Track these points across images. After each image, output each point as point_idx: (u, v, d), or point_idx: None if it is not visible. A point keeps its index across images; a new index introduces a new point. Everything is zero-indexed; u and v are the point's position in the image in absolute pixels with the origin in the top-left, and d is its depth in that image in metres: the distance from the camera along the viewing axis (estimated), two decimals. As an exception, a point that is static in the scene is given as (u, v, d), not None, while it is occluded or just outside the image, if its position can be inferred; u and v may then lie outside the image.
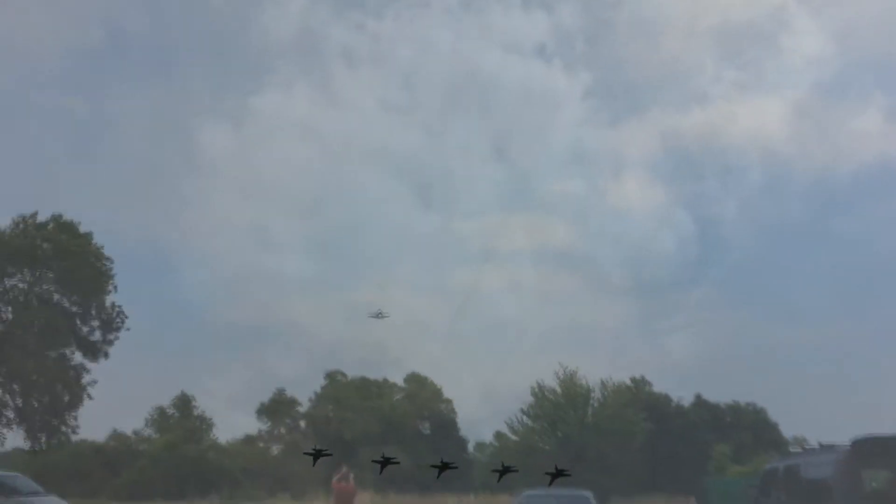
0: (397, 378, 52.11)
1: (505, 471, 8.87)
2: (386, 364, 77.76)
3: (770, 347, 60.71)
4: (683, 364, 57.62)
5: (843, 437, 13.47)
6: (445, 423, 49.50)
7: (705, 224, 77.75)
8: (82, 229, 36.92)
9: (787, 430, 44.09)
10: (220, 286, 78.44)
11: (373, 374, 52.49)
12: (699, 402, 45.33)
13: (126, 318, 37.07)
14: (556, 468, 12.00)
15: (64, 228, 36.30)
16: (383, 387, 50.83)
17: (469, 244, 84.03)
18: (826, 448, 13.71)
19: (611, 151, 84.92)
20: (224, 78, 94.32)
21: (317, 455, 8.85)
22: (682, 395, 45.23)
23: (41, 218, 36.50)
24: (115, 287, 37.00)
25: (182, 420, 51.20)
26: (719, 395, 46.40)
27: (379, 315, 49.51)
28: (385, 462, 14.85)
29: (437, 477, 25.13)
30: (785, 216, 77.20)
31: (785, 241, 75.39)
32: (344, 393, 50.06)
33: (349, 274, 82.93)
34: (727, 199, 79.17)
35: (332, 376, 52.00)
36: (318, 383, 52.06)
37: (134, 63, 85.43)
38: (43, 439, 35.91)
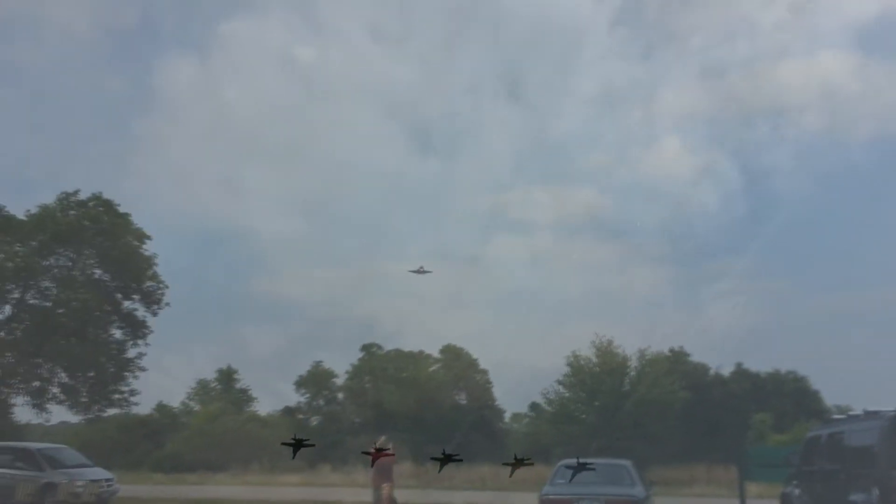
0: (433, 349, 52.38)
1: (518, 463, 8.55)
2: (416, 336, 70.82)
3: (811, 314, 58.33)
4: (724, 333, 55.41)
5: (887, 404, 13.16)
6: (481, 394, 49.71)
7: (754, 175, 68.68)
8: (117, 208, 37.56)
9: (830, 399, 43.44)
10: (199, 248, 70.51)
11: (407, 346, 52.83)
12: (739, 370, 44.82)
13: (167, 287, 37.73)
14: (578, 461, 11.69)
15: (102, 206, 36.95)
16: (419, 358, 51.12)
17: (478, 201, 75.53)
18: (870, 415, 13.44)
19: (643, 88, 75.07)
20: (189, 1, 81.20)
21: (297, 446, 8.52)
22: (722, 364, 44.77)
23: (83, 196, 37.25)
24: (156, 269, 37.73)
25: (224, 392, 52.19)
26: (760, 363, 45.72)
27: (420, 270, 48.19)
28: (378, 454, 14.39)
29: (439, 471, 24.84)
30: (846, 164, 67.01)
31: (845, 194, 66.35)
32: (380, 365, 50.52)
33: (340, 235, 74.29)
34: (780, 145, 69.12)
35: (367, 348, 52.51)
36: (355, 356, 52.66)
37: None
38: (97, 408, 36.96)
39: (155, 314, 37.65)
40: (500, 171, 76.84)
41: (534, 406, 45.46)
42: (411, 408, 43.76)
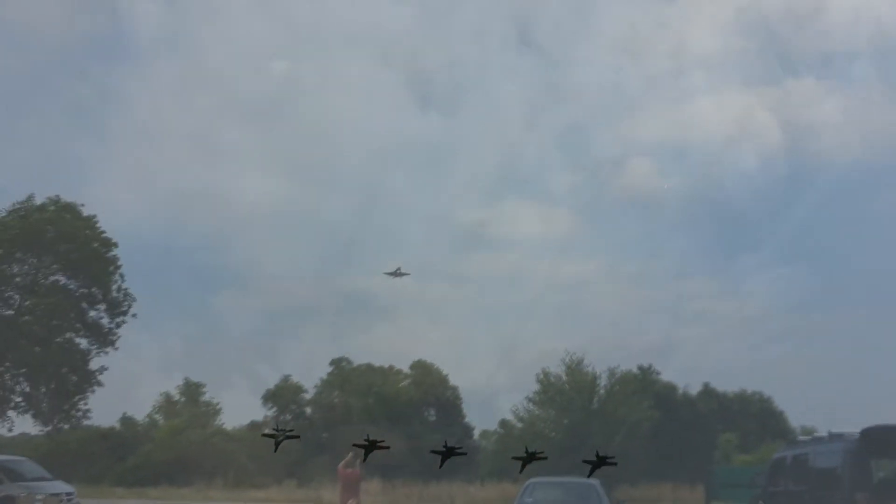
0: (403, 365, 52.04)
1: (530, 457, 7.87)
2: (389, 350, 70.34)
3: (780, 333, 57.52)
4: (695, 352, 54.35)
5: (851, 426, 13.35)
6: (451, 410, 49.43)
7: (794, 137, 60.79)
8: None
9: (794, 419, 43.90)
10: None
11: (378, 361, 52.40)
12: (706, 390, 45.15)
13: (134, 300, 37.15)
14: (598, 454, 11.22)
15: (65, 211, 36.31)
16: (389, 373, 50.80)
17: (483, 160, 67.67)
18: (835, 437, 13.62)
19: (669, 34, 66.91)
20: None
21: (280, 437, 7.97)
22: (689, 383, 45.03)
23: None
24: (122, 276, 37.15)
25: (189, 406, 51.38)
26: (727, 383, 45.96)
27: (397, 272, 46.11)
28: (371, 446, 12.74)
29: (441, 466, 24.42)
30: None
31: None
32: (349, 379, 50.11)
33: (317, 242, 68.22)
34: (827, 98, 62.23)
35: (337, 363, 52.09)
36: (324, 370, 52.17)
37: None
38: (55, 422, 36.18)
39: (118, 326, 37.04)
40: (497, 115, 70.02)
41: (503, 423, 45.37)
42: (380, 423, 43.44)
